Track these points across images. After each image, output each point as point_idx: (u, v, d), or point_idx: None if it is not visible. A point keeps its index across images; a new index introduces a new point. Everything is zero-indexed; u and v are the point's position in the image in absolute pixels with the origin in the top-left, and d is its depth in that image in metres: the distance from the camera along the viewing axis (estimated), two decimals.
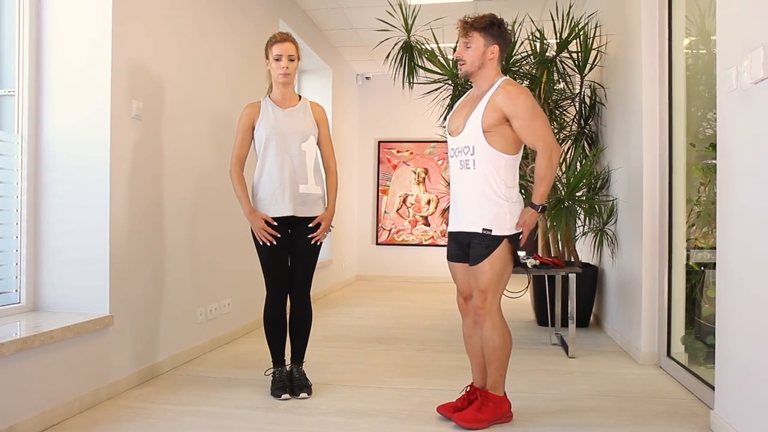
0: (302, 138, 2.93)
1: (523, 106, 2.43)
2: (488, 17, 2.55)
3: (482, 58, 2.51)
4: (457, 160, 2.57)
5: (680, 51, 3.46)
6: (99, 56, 2.84)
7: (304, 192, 2.93)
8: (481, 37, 2.51)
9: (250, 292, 4.49)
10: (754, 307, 2.17)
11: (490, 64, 2.53)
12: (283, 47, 2.90)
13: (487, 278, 2.48)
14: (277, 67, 2.91)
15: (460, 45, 2.55)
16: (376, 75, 8.22)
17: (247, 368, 3.42)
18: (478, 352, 2.66)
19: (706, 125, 3.52)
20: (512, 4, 5.32)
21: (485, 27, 2.51)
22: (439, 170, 8.19)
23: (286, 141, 2.90)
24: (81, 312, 2.80)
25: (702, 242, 3.52)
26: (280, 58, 2.90)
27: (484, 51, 2.51)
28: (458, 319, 5.08)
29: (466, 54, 2.52)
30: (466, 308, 2.69)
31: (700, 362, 3.30)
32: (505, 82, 2.51)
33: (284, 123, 2.93)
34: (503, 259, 2.50)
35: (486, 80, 2.55)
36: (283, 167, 2.89)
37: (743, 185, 2.25)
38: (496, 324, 2.51)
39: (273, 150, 2.90)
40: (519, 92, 2.46)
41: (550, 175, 2.48)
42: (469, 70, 2.53)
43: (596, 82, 4.70)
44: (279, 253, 2.92)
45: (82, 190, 2.83)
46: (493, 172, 2.49)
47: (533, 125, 2.44)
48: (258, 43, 4.70)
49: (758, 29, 2.13)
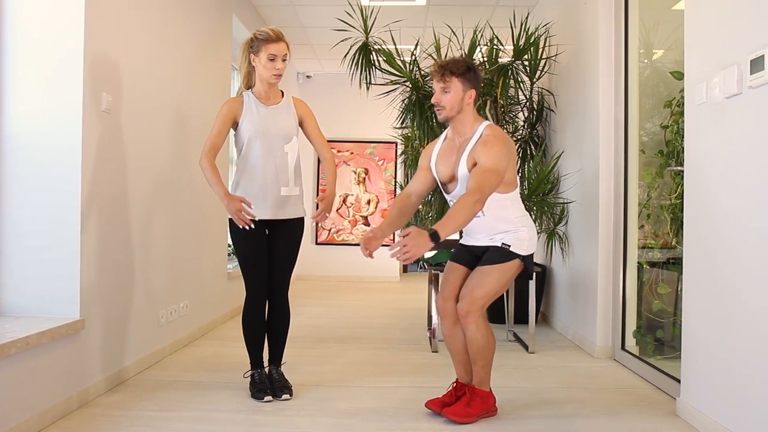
0: (286, 139, 2.89)
1: (492, 156, 2.44)
2: (465, 62, 2.57)
3: (461, 103, 2.54)
4: None
5: (635, 63, 3.70)
6: (70, 46, 2.68)
7: (285, 194, 2.89)
8: (460, 83, 2.53)
9: (206, 293, 4.39)
10: (718, 304, 2.38)
11: (467, 108, 2.57)
12: (279, 47, 2.81)
13: (488, 285, 2.54)
14: (271, 67, 2.81)
15: (437, 90, 2.55)
16: (318, 74, 8.19)
17: (216, 371, 3.34)
18: (460, 350, 2.71)
19: (655, 133, 3.78)
20: (462, 10, 5.47)
21: (463, 72, 2.53)
22: (380, 170, 8.26)
23: (271, 141, 2.85)
24: (48, 316, 2.63)
25: (652, 242, 3.78)
26: (275, 58, 2.80)
27: (463, 96, 2.54)
28: (412, 318, 5.21)
29: (444, 99, 2.53)
30: (446, 310, 2.68)
31: (650, 354, 3.55)
32: (487, 129, 2.55)
33: (269, 121, 2.87)
34: (509, 275, 2.58)
35: (466, 125, 2.59)
36: (266, 168, 2.84)
37: (713, 191, 2.45)
38: (480, 325, 2.55)
39: (257, 150, 2.84)
40: (494, 143, 2.47)
41: (465, 217, 2.35)
42: (448, 115, 2.55)
43: (546, 89, 4.91)
44: (258, 254, 2.88)
45: (50, 187, 2.67)
46: (502, 213, 2.59)
47: (485, 175, 2.41)
48: (212, 37, 4.59)
49: (729, 48, 2.33)
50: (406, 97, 4.76)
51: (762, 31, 2.13)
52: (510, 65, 4.49)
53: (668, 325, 3.51)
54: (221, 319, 4.74)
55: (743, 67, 2.21)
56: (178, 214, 3.86)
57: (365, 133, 8.19)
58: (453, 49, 4.68)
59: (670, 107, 3.50)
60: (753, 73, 2.15)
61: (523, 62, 4.68)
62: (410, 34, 5.67)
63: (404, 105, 4.82)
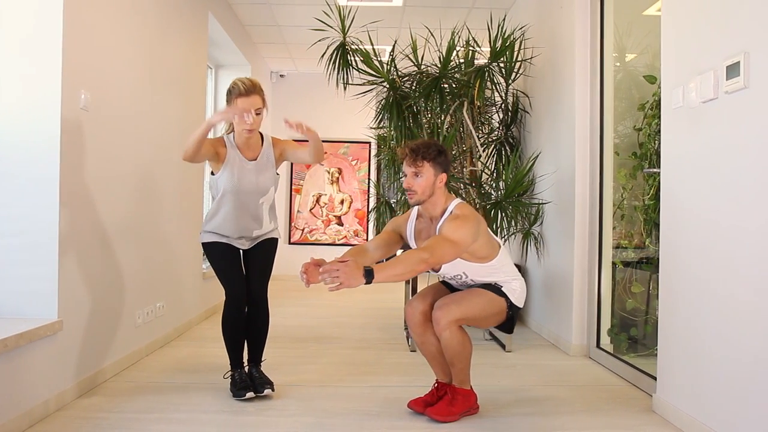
0: (262, 194, 2.90)
1: (453, 229, 2.44)
2: (436, 146, 2.59)
3: (432, 187, 2.56)
4: (453, 281, 2.70)
5: (610, 66, 3.78)
6: (49, 44, 2.62)
7: (257, 235, 2.96)
8: (431, 167, 2.54)
9: (181, 293, 4.33)
10: (693, 303, 2.45)
11: (438, 191, 2.59)
12: (249, 101, 2.71)
13: (471, 304, 2.55)
14: (242, 121, 2.73)
15: (408, 174, 2.56)
16: (291, 73, 8.14)
17: (194, 372, 3.30)
18: (435, 354, 2.70)
19: (627, 135, 3.88)
20: (439, 12, 5.52)
21: (435, 157, 2.55)
22: (353, 170, 8.26)
23: (246, 197, 2.86)
24: (25, 317, 2.58)
25: (625, 242, 3.87)
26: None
27: (434, 180, 2.56)
28: (387, 317, 5.22)
29: (416, 184, 2.54)
30: (413, 318, 2.66)
31: (624, 352, 3.63)
32: (457, 208, 2.56)
33: (247, 179, 2.84)
34: (494, 309, 2.60)
35: (437, 206, 2.60)
36: (238, 218, 2.88)
37: (689, 193, 2.52)
38: (454, 332, 2.54)
39: (230, 204, 2.86)
40: (462, 219, 2.49)
41: (406, 269, 2.31)
42: (420, 199, 2.57)
43: (521, 91, 4.98)
44: (234, 262, 2.93)
45: (28, 186, 2.60)
46: (492, 277, 2.62)
47: (443, 243, 2.41)
48: (188, 34, 4.54)
49: (705, 54, 2.40)
50: (383, 97, 4.78)
51: (737, 38, 2.20)
52: (487, 67, 4.54)
53: (641, 324, 3.60)
54: (197, 319, 4.69)
55: (719, 73, 2.29)
56: (155, 214, 3.81)
57: (339, 132, 8.17)
58: (430, 50, 4.71)
59: (643, 110, 3.59)
60: (729, 79, 2.22)
61: (499, 64, 4.73)
62: (387, 34, 5.69)
63: (381, 105, 4.84)
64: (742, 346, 2.16)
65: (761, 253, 2.07)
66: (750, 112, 2.14)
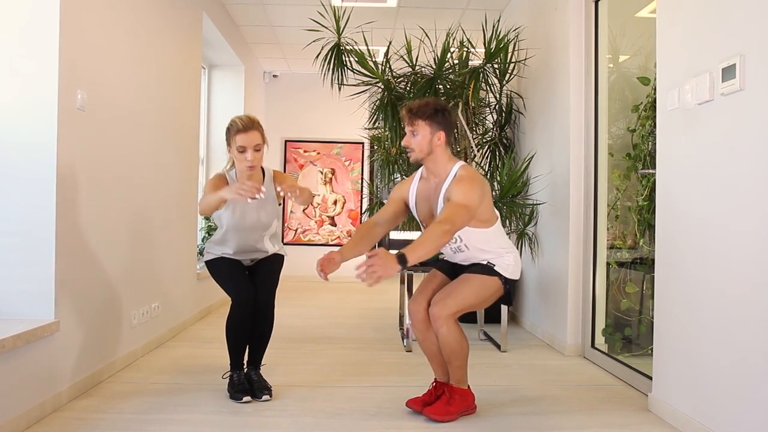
0: (264, 228, 2.96)
1: (464, 193, 2.48)
2: (432, 104, 2.62)
3: (430, 145, 2.60)
4: (448, 247, 2.69)
5: (604, 68, 3.80)
6: (46, 43, 2.61)
7: (260, 257, 3.03)
8: (427, 125, 2.59)
9: (176, 294, 4.32)
10: (689, 302, 2.47)
11: (438, 149, 2.62)
12: (247, 138, 2.73)
13: (465, 293, 2.57)
14: (242, 159, 2.76)
15: (407, 133, 2.63)
16: (284, 73, 8.13)
17: (190, 373, 3.30)
18: (435, 352, 2.72)
19: (620, 136, 3.90)
20: (433, 12, 5.53)
21: (430, 115, 2.59)
22: (347, 171, 8.26)
23: (248, 233, 2.93)
24: (21, 318, 2.56)
25: (620, 243, 3.89)
26: (244, 150, 2.74)
27: (431, 138, 2.60)
28: (382, 318, 5.23)
29: (413, 142, 2.61)
30: (417, 314, 2.69)
31: (618, 352, 3.66)
32: (461, 170, 2.60)
33: (249, 217, 2.88)
34: (488, 291, 2.62)
35: (439, 166, 2.64)
36: (242, 244, 2.95)
37: (685, 194, 2.55)
38: (451, 328, 2.56)
39: (233, 239, 2.93)
40: (469, 180, 2.53)
41: (432, 244, 2.36)
42: (418, 157, 2.63)
43: (515, 92, 5.00)
44: (240, 274, 2.94)
45: (25, 186, 2.59)
46: (485, 245, 2.64)
47: (457, 209, 2.44)
48: (183, 34, 4.53)
49: (701, 56, 2.43)
50: (378, 98, 4.79)
51: (733, 40, 2.23)
52: (481, 68, 4.55)
53: (635, 324, 3.63)
54: (191, 320, 4.67)
55: (715, 75, 2.31)
56: (150, 214, 3.79)
57: (332, 133, 8.18)
58: (425, 51, 4.73)
59: (637, 111, 3.62)
60: (725, 81, 2.25)
61: (493, 65, 4.75)
62: (381, 35, 5.70)
63: (376, 106, 4.85)
64: (737, 345, 2.19)
65: (756, 253, 2.09)
66: (746, 113, 2.16)
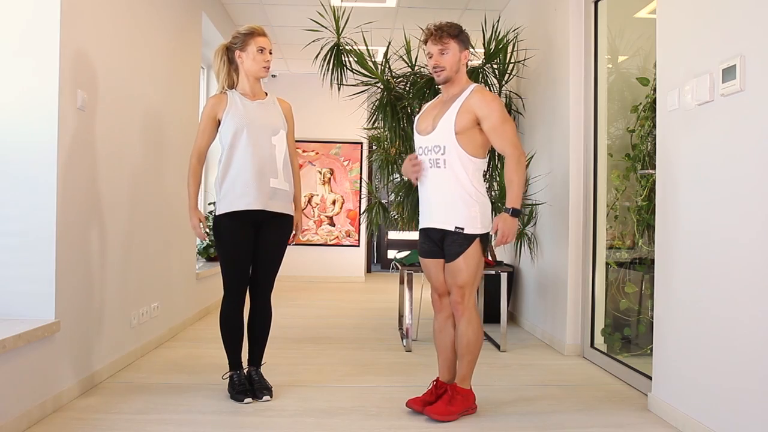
0: (273, 131, 2.86)
1: (497, 110, 2.57)
2: (456, 25, 2.69)
3: (458, 63, 2.65)
4: (427, 159, 2.67)
5: (604, 68, 3.81)
6: (47, 43, 2.61)
7: (275, 186, 2.82)
8: (456, 44, 2.64)
9: (176, 294, 4.32)
10: (689, 302, 2.48)
11: (462, 69, 2.69)
12: (266, 40, 2.88)
13: (464, 275, 2.60)
14: (261, 59, 2.85)
15: (435, 52, 2.64)
16: (283, 74, 8.13)
17: (190, 373, 3.29)
18: (447, 347, 2.75)
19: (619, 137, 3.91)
20: (432, 13, 5.53)
21: (458, 34, 2.65)
22: (345, 171, 8.26)
23: (257, 132, 2.80)
24: (22, 318, 2.56)
25: (619, 243, 3.90)
26: (263, 50, 2.85)
27: (459, 57, 2.65)
28: (381, 317, 5.23)
29: (443, 60, 2.63)
30: (440, 305, 2.77)
31: (617, 352, 3.67)
32: (479, 88, 2.66)
33: (255, 114, 2.84)
34: (476, 257, 2.63)
35: (457, 85, 2.68)
36: (253, 160, 2.77)
37: (685, 194, 2.55)
38: (472, 320, 2.63)
39: (243, 142, 2.77)
40: (493, 98, 2.63)
41: (519, 177, 2.58)
42: (449, 75, 2.65)
43: (514, 92, 5.01)
44: (242, 249, 2.82)
45: (25, 186, 2.59)
46: (463, 172, 2.61)
47: (504, 128, 2.58)
48: (182, 34, 4.53)
49: (701, 57, 2.44)
50: (377, 98, 4.79)
51: (734, 41, 2.23)
52: (480, 68, 4.56)
53: (634, 324, 3.64)
54: (191, 320, 4.67)
55: (715, 76, 2.32)
56: (149, 214, 3.79)
57: (331, 133, 8.18)
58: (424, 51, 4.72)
59: (636, 112, 3.63)
60: (725, 82, 2.26)
61: (492, 65, 4.75)
62: (380, 35, 5.70)
63: (375, 106, 4.84)
64: (736, 345, 2.19)
65: (756, 253, 2.10)
66: (746, 114, 2.17)
